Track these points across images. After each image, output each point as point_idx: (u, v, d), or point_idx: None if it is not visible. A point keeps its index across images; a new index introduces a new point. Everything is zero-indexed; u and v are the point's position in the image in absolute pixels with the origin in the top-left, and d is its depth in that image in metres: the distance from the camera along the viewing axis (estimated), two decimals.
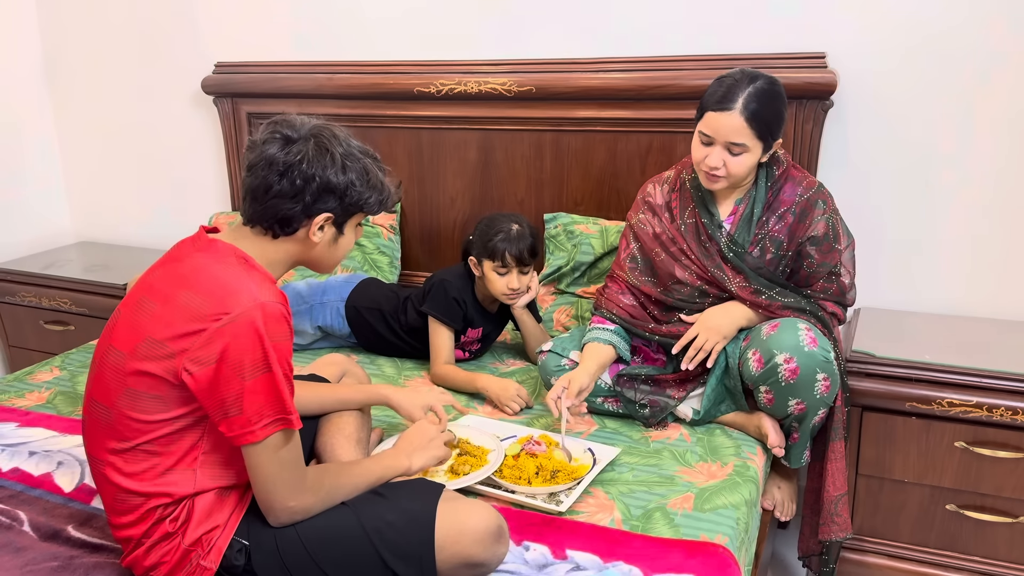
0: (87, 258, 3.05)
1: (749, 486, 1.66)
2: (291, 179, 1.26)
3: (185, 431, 1.25)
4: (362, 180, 1.31)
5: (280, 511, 1.24)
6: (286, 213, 1.28)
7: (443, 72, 2.50)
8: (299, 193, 1.27)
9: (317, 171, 1.27)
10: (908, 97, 2.15)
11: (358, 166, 1.31)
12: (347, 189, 1.29)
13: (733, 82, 1.77)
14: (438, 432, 1.55)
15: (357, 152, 1.33)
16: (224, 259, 1.26)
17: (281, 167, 1.26)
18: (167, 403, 1.22)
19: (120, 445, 1.25)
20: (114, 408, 1.24)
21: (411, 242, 2.72)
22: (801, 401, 1.76)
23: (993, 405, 1.81)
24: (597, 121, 2.38)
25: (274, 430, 1.20)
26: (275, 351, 1.19)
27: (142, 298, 1.26)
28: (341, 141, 1.32)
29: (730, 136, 1.76)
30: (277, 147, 1.28)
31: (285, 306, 1.25)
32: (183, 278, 1.24)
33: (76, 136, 3.23)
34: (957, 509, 1.91)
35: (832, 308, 1.90)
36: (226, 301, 1.19)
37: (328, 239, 1.34)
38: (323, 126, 1.33)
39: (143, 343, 1.22)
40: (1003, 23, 2.03)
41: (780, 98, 1.79)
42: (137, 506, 1.25)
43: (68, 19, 3.09)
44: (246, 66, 2.76)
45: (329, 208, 1.30)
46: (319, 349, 2.36)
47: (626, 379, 1.93)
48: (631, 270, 2.00)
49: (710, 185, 1.85)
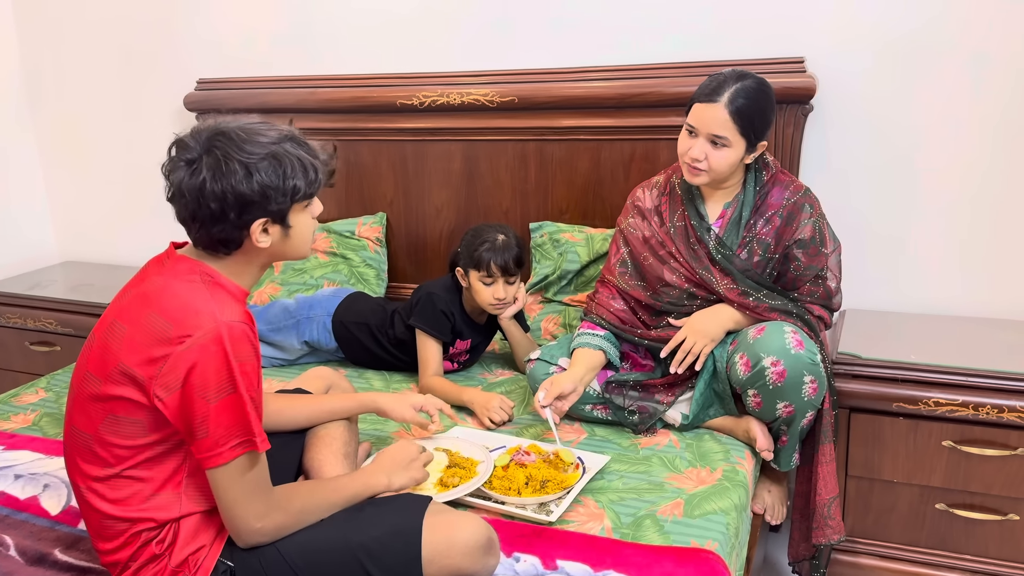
0: (72, 278, 3.04)
1: (739, 491, 1.66)
2: (205, 204, 1.21)
3: (167, 454, 1.24)
4: (276, 175, 1.22)
5: (246, 533, 1.23)
6: (219, 235, 1.24)
7: (425, 84, 2.50)
8: (220, 215, 1.21)
9: (225, 187, 1.20)
10: (887, 98, 2.17)
11: (266, 164, 1.22)
12: (264, 192, 1.22)
13: (723, 78, 1.81)
14: (419, 452, 1.51)
15: (262, 147, 1.23)
16: (188, 278, 1.24)
17: (193, 193, 1.21)
18: (146, 427, 1.21)
19: (103, 472, 1.24)
20: (95, 435, 1.23)
21: (398, 254, 2.72)
22: (789, 404, 1.77)
23: (979, 404, 1.82)
24: (580, 130, 2.39)
25: (240, 452, 1.19)
26: (240, 372, 1.18)
27: (113, 321, 1.25)
28: (241, 141, 1.22)
29: (713, 128, 1.78)
30: (182, 173, 1.22)
31: (250, 326, 1.23)
32: (149, 299, 1.23)
33: (58, 156, 3.22)
34: (947, 508, 1.92)
35: (818, 311, 1.91)
36: (188, 323, 1.18)
37: (277, 237, 1.28)
38: (217, 132, 1.23)
39: (115, 369, 1.21)
40: (979, 21, 2.06)
41: (767, 98, 1.81)
42: (123, 531, 1.24)
43: (48, 38, 3.08)
44: (228, 82, 2.75)
45: (256, 216, 1.23)
46: (306, 364, 2.35)
47: (615, 386, 1.94)
48: (621, 275, 2.00)
49: (692, 179, 1.86)
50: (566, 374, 1.86)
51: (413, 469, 1.48)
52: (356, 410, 1.66)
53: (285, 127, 1.30)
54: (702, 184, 1.88)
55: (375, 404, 1.67)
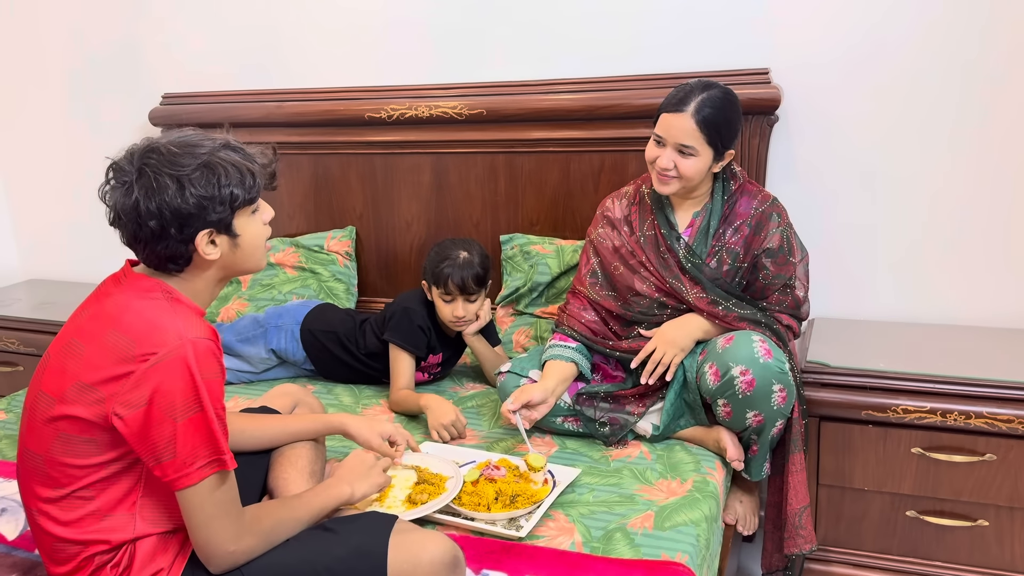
0: (35, 296, 2.98)
1: (709, 502, 1.65)
2: (144, 224, 1.18)
3: (120, 475, 1.21)
4: (211, 184, 1.20)
5: (221, 556, 1.20)
6: (165, 252, 1.22)
7: (393, 97, 2.49)
8: (160, 232, 1.19)
9: (159, 204, 1.17)
10: (852, 108, 2.19)
11: (198, 175, 1.19)
12: (200, 203, 1.19)
13: (690, 88, 1.83)
14: (376, 460, 1.51)
15: (194, 159, 1.20)
16: (149, 295, 1.22)
17: (130, 215, 1.19)
18: (100, 447, 1.18)
19: (54, 493, 1.20)
20: (47, 455, 1.20)
21: (368, 268, 2.70)
22: (759, 413, 1.77)
23: (947, 410, 1.83)
24: (549, 142, 2.39)
25: (209, 472, 1.17)
26: (207, 388, 1.16)
27: (70, 340, 1.22)
28: (170, 155, 1.20)
29: (680, 138, 1.80)
30: (117, 195, 1.20)
31: (215, 342, 1.21)
32: (109, 317, 1.20)
33: (21, 172, 3.16)
34: (917, 515, 1.92)
35: (787, 321, 1.92)
36: (153, 340, 1.16)
37: (226, 248, 1.26)
38: (150, 149, 1.21)
39: (72, 387, 1.18)
40: (944, 32, 2.09)
41: (732, 107, 1.83)
42: (75, 555, 1.20)
43: (9, 53, 3.03)
44: (194, 96, 2.73)
45: (198, 228, 1.21)
46: (274, 379, 2.32)
47: (585, 397, 1.93)
48: (592, 285, 2.00)
49: (661, 188, 1.87)
50: (537, 385, 1.85)
51: (373, 475, 1.48)
52: (322, 432, 1.63)
53: (220, 136, 1.27)
54: (672, 193, 1.88)
55: (342, 427, 1.63)
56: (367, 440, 1.62)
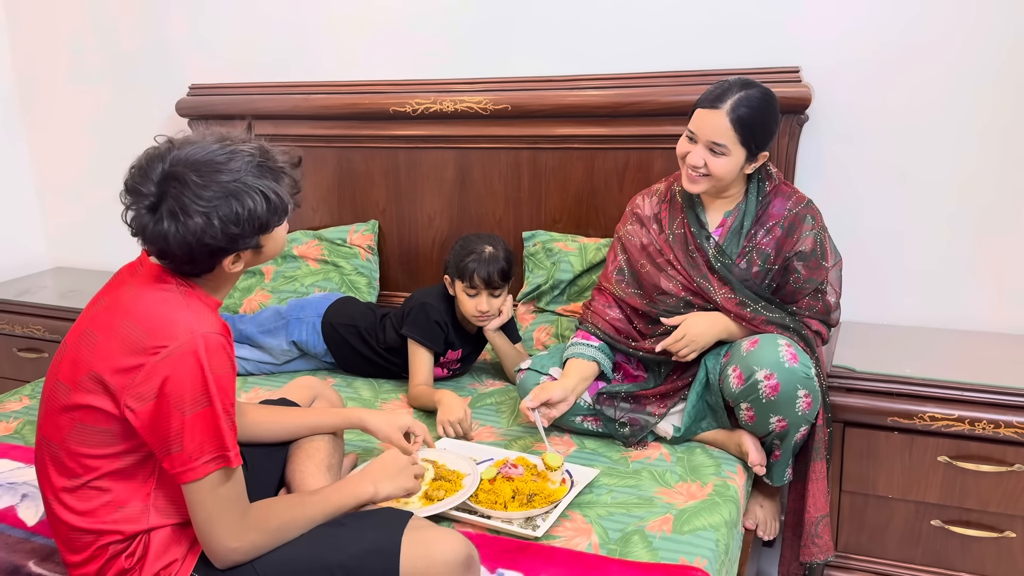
0: (62, 284, 3.01)
1: (729, 506, 1.62)
2: (172, 254, 1.19)
3: (136, 466, 1.21)
4: (238, 218, 1.18)
5: (221, 552, 1.19)
6: (191, 271, 1.24)
7: (419, 91, 2.48)
8: (187, 259, 1.20)
9: (188, 238, 1.16)
10: (883, 109, 2.15)
11: (226, 209, 1.17)
12: (230, 235, 1.19)
13: (728, 85, 1.79)
14: (409, 462, 1.47)
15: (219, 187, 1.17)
16: (165, 286, 1.23)
17: (159, 241, 1.18)
18: (115, 437, 1.19)
19: (70, 483, 1.21)
20: (63, 445, 1.21)
21: (390, 262, 2.69)
22: (783, 418, 1.74)
23: (975, 419, 1.79)
24: (574, 139, 2.36)
25: (214, 468, 1.16)
26: (216, 383, 1.16)
27: (86, 330, 1.23)
28: (195, 190, 1.16)
29: (712, 135, 1.77)
30: (145, 220, 1.19)
31: (226, 337, 1.21)
32: (123, 308, 1.21)
33: (51, 161, 3.20)
34: (942, 525, 1.89)
35: (816, 326, 1.88)
36: (165, 333, 1.16)
37: (249, 258, 1.28)
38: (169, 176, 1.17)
39: (86, 377, 1.18)
40: (976, 35, 2.04)
41: (770, 108, 1.79)
42: (89, 544, 1.21)
43: (40, 43, 3.06)
44: (220, 88, 2.73)
45: (224, 255, 1.22)
46: (295, 371, 2.32)
47: (606, 397, 1.91)
48: (618, 282, 1.98)
49: (691, 187, 1.84)
50: (557, 383, 1.83)
51: (402, 478, 1.43)
52: (341, 425, 1.62)
53: (245, 147, 1.22)
54: (701, 192, 1.85)
55: (360, 421, 1.63)
56: (386, 434, 1.62)
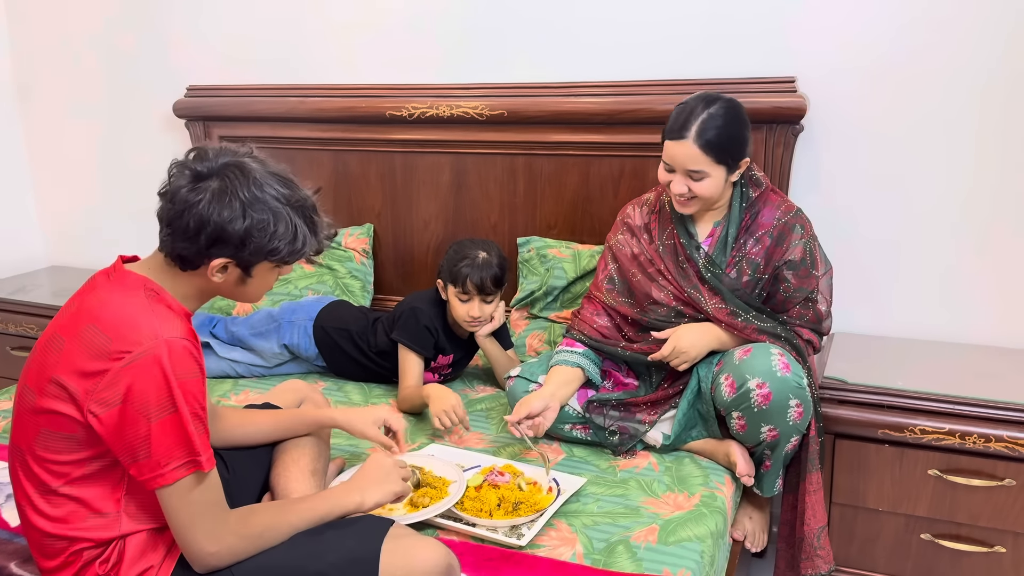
0: (57, 283, 3.01)
1: (716, 517, 1.62)
2: (186, 220, 1.19)
3: (104, 471, 1.20)
4: (264, 230, 1.21)
5: (202, 556, 1.19)
6: (181, 252, 1.22)
7: (415, 96, 2.48)
8: (193, 236, 1.20)
9: (212, 216, 1.18)
10: (878, 119, 2.14)
11: (263, 216, 1.21)
12: (245, 239, 1.20)
13: (688, 110, 1.77)
14: (395, 464, 1.45)
15: (272, 198, 1.22)
16: (132, 292, 1.21)
17: (181, 204, 1.20)
18: (79, 443, 1.18)
19: (41, 489, 1.20)
20: (30, 451, 1.20)
21: (384, 266, 2.69)
22: (774, 428, 1.73)
23: (966, 432, 1.78)
24: (570, 145, 2.36)
25: (185, 473, 1.15)
26: (181, 389, 1.15)
27: (53, 335, 1.22)
28: (252, 183, 1.21)
29: (687, 164, 1.76)
30: (184, 181, 1.21)
31: (193, 342, 1.20)
32: (89, 312, 1.19)
33: (48, 160, 3.20)
34: (932, 538, 1.87)
35: (808, 335, 1.88)
36: (128, 338, 1.15)
37: (233, 280, 1.27)
38: (236, 163, 1.22)
39: (50, 382, 1.17)
40: (971, 44, 2.03)
41: (737, 120, 1.78)
42: (62, 550, 1.20)
43: (39, 43, 3.06)
44: (218, 89, 2.74)
45: (223, 255, 1.22)
46: (286, 374, 2.32)
47: (596, 405, 1.90)
48: (608, 291, 1.98)
49: (682, 209, 1.85)
50: (536, 393, 1.82)
51: (389, 483, 1.41)
52: (313, 426, 1.59)
53: (304, 193, 1.28)
54: (693, 212, 1.86)
55: (332, 419, 1.60)
56: (360, 430, 1.58)
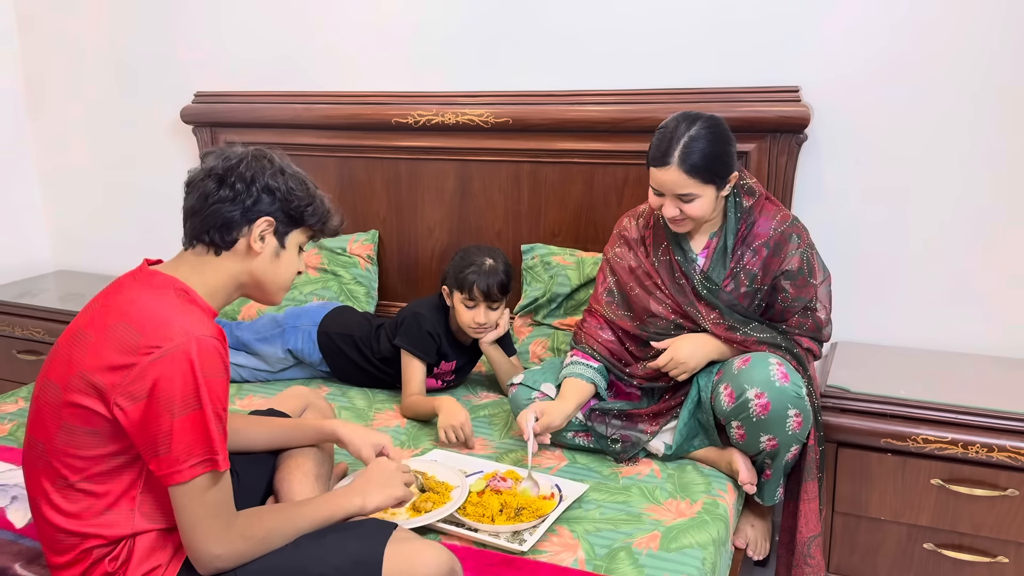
0: (64, 287, 3.03)
1: (718, 524, 1.62)
2: (230, 183, 1.29)
3: (122, 468, 1.21)
4: (300, 190, 1.34)
5: (205, 558, 1.19)
6: (226, 217, 1.29)
7: (421, 103, 2.50)
8: (239, 195, 1.29)
9: (256, 173, 1.30)
10: (882, 129, 2.15)
11: (296, 180, 1.35)
12: (288, 193, 1.32)
13: (668, 134, 1.77)
14: (397, 469, 1.46)
15: (300, 176, 1.37)
16: (161, 291, 1.24)
17: (220, 172, 1.30)
18: (102, 438, 1.19)
19: (58, 483, 1.21)
20: (50, 444, 1.21)
21: (389, 272, 2.70)
22: (773, 437, 1.73)
23: (968, 442, 1.78)
24: (574, 153, 2.37)
25: (201, 471, 1.17)
26: (207, 387, 1.16)
27: (78, 331, 1.23)
28: (281, 161, 1.36)
29: (674, 189, 1.77)
30: (215, 159, 1.32)
31: (221, 341, 1.21)
32: (118, 310, 1.21)
33: (56, 165, 3.22)
34: (935, 548, 1.87)
35: (807, 344, 1.88)
36: (159, 334, 1.17)
37: (270, 252, 1.33)
38: (263, 154, 1.36)
39: (76, 376, 1.19)
40: (976, 57, 2.04)
41: (719, 138, 1.77)
42: (74, 546, 1.21)
43: (49, 49, 3.09)
44: (225, 96, 2.75)
45: (270, 211, 1.31)
46: (290, 379, 2.33)
47: (598, 414, 1.90)
48: (608, 304, 1.98)
49: (676, 229, 1.86)
50: (558, 409, 1.81)
51: (391, 486, 1.43)
52: (315, 438, 1.59)
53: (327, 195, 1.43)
54: (689, 230, 1.86)
55: (334, 433, 1.59)
56: (356, 449, 1.58)
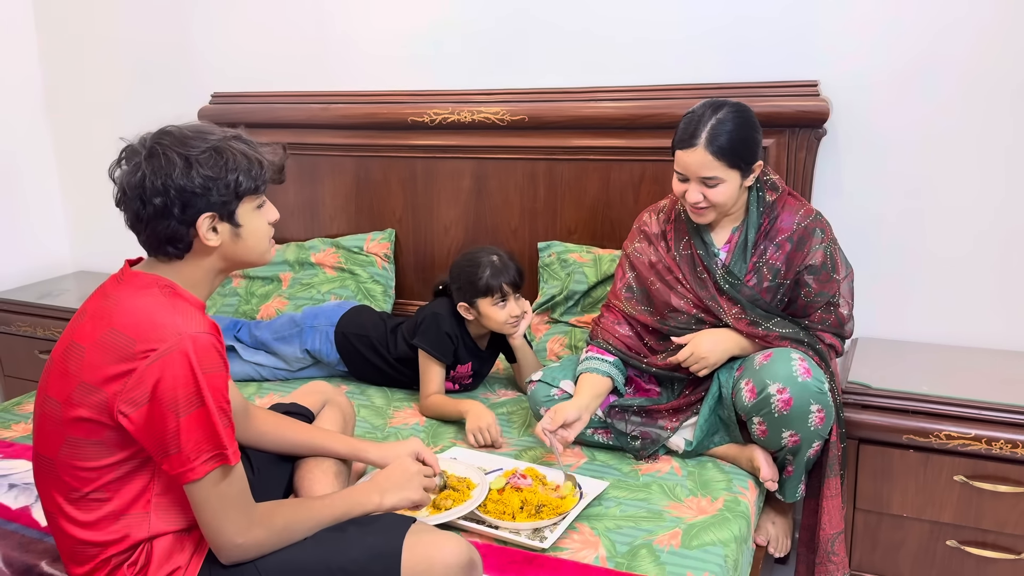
0: (83, 288, 3.05)
1: (740, 522, 1.61)
2: (148, 201, 1.20)
3: (133, 474, 1.21)
4: (218, 166, 1.22)
5: (229, 548, 1.20)
6: (165, 233, 1.23)
7: (437, 101, 2.50)
8: (163, 210, 1.20)
9: (165, 181, 1.20)
10: (901, 124, 2.13)
11: (206, 157, 1.22)
12: (206, 184, 1.21)
13: (696, 118, 1.77)
14: (419, 471, 1.46)
15: (204, 142, 1.23)
16: (147, 291, 1.22)
17: (135, 191, 1.21)
18: (108, 448, 1.19)
19: (70, 496, 1.22)
20: (57, 459, 1.21)
21: (405, 271, 2.70)
22: (795, 433, 1.72)
23: (992, 438, 1.76)
24: (590, 150, 2.37)
25: (213, 466, 1.17)
26: (208, 383, 1.16)
27: (71, 343, 1.22)
28: (183, 139, 1.23)
29: (700, 171, 1.76)
30: (124, 172, 1.24)
31: (216, 336, 1.21)
32: (107, 316, 1.20)
33: (75, 166, 3.25)
34: (958, 545, 1.86)
35: (830, 340, 1.87)
36: (152, 336, 1.16)
37: (227, 236, 1.26)
38: (163, 132, 1.26)
39: (76, 389, 1.18)
40: (996, 50, 2.02)
41: (746, 124, 1.77)
42: (94, 556, 1.22)
43: (68, 50, 3.12)
44: (242, 96, 2.77)
45: (200, 210, 1.22)
46: (309, 378, 2.33)
47: (618, 410, 1.90)
48: (627, 299, 1.97)
49: (698, 219, 1.84)
50: (571, 402, 1.82)
51: (409, 488, 1.42)
52: (345, 454, 1.56)
53: (232, 129, 1.30)
54: (710, 221, 1.85)
55: (366, 455, 1.55)
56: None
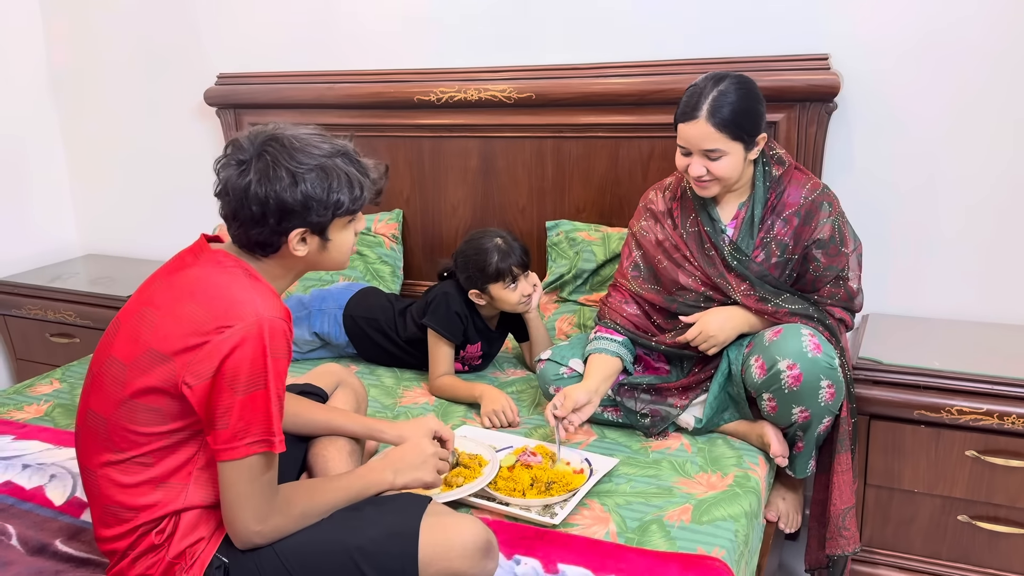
0: (93, 271, 3.06)
1: (750, 497, 1.61)
2: (247, 206, 1.23)
3: (180, 445, 1.23)
4: (322, 187, 1.24)
5: (245, 534, 1.21)
6: (257, 238, 1.26)
7: (443, 80, 2.48)
8: (260, 219, 1.23)
9: (268, 192, 1.21)
10: (913, 98, 2.10)
11: (313, 176, 1.23)
12: (307, 203, 1.23)
13: (698, 90, 1.76)
14: (435, 454, 1.45)
15: (312, 159, 1.24)
16: (229, 271, 1.25)
17: (237, 193, 1.23)
18: (164, 416, 1.21)
19: (115, 457, 1.23)
20: (111, 419, 1.22)
21: (413, 251, 2.70)
22: (805, 409, 1.72)
23: (1004, 413, 1.76)
24: (598, 127, 2.35)
25: (256, 450, 1.17)
26: (273, 368, 1.17)
27: (143, 309, 1.24)
28: (292, 151, 1.24)
29: (702, 144, 1.75)
30: (231, 171, 1.25)
31: (288, 322, 1.22)
32: (186, 289, 1.22)
33: (82, 149, 3.25)
34: (969, 520, 1.85)
35: (840, 314, 1.86)
36: (230, 314, 1.18)
37: (315, 248, 1.30)
38: (273, 137, 1.26)
39: (145, 355, 1.20)
40: (1008, 21, 1.99)
41: (749, 95, 1.75)
42: (127, 519, 1.23)
43: (73, 33, 3.11)
44: (248, 77, 2.76)
45: (295, 225, 1.25)
46: (318, 360, 2.34)
47: (627, 388, 1.90)
48: (634, 278, 1.97)
49: (702, 192, 1.83)
50: (581, 385, 1.81)
51: (422, 470, 1.42)
52: (362, 434, 1.57)
53: (341, 142, 1.31)
54: (714, 195, 1.84)
55: (382, 435, 1.55)
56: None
